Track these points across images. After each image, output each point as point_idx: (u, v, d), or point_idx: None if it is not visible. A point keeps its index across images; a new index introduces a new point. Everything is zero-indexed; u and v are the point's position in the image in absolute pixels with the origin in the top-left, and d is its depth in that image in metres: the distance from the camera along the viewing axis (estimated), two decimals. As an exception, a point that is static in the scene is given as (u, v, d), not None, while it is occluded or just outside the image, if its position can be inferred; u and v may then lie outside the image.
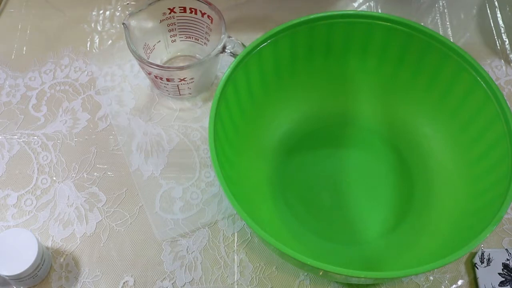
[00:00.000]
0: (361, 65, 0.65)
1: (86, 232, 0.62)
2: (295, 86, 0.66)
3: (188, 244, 0.61)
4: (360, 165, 0.65)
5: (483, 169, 0.57)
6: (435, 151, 0.64)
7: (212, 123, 0.54)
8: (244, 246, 0.61)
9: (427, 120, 0.65)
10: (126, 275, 0.60)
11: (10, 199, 0.64)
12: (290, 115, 0.66)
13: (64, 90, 0.71)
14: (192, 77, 0.66)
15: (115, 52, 0.74)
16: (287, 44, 0.61)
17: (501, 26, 0.76)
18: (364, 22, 0.60)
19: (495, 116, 0.56)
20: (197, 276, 0.60)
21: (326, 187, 0.64)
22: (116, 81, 0.71)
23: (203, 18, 0.67)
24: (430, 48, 0.59)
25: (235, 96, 0.59)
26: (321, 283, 0.60)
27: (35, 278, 0.58)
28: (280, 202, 0.62)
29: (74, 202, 0.64)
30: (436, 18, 0.77)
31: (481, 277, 0.59)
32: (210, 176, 0.65)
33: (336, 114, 0.67)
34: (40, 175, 0.65)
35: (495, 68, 0.74)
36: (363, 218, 0.62)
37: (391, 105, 0.66)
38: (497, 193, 0.53)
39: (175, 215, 0.63)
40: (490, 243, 0.62)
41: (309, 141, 0.66)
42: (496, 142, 0.56)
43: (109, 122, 0.69)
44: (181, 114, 0.69)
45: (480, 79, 0.57)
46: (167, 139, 0.67)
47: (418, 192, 0.63)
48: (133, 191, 0.64)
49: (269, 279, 0.60)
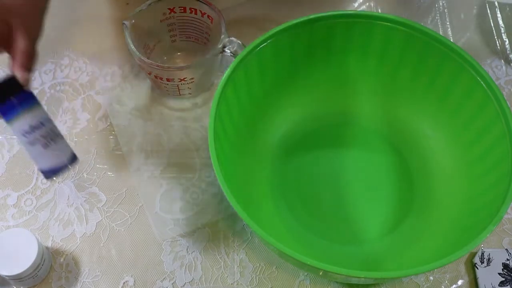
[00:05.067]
0: (361, 65, 0.65)
1: (86, 232, 0.62)
2: (295, 86, 0.66)
3: (188, 244, 0.61)
4: (360, 165, 0.65)
5: (483, 169, 0.57)
6: (435, 151, 0.64)
7: (212, 123, 0.54)
8: (244, 246, 0.61)
9: (427, 120, 0.65)
10: (126, 275, 0.60)
11: (10, 199, 0.64)
12: (290, 115, 0.66)
13: (64, 90, 0.71)
14: (192, 77, 0.66)
15: (115, 52, 0.74)
16: (287, 44, 0.61)
17: (501, 26, 0.76)
18: (364, 22, 0.60)
19: (495, 116, 0.56)
20: (197, 276, 0.60)
21: (326, 187, 0.64)
22: (116, 81, 0.71)
23: (203, 18, 0.67)
24: (430, 48, 0.59)
25: (235, 96, 0.59)
26: (321, 283, 0.60)
27: (35, 278, 0.58)
28: (280, 202, 0.62)
29: (74, 202, 0.64)
30: (436, 18, 0.77)
31: (481, 277, 0.59)
32: (210, 176, 0.65)
33: (336, 114, 0.67)
34: (40, 175, 0.65)
35: (495, 68, 0.74)
36: (363, 218, 0.62)
37: (391, 105, 0.66)
38: (497, 193, 0.53)
39: (175, 215, 0.63)
40: (490, 243, 0.62)
41: (309, 141, 0.66)
42: (496, 142, 0.56)
43: (109, 122, 0.69)
44: (181, 114, 0.69)
45: (480, 79, 0.57)
46: (167, 139, 0.67)
47: (418, 192, 0.63)
48: (133, 191, 0.64)
49: (269, 279, 0.60)
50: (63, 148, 0.52)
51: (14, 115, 0.49)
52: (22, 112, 0.49)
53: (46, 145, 0.51)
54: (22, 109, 0.49)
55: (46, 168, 0.52)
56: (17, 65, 0.50)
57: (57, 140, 0.51)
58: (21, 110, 0.49)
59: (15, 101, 0.49)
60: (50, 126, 0.51)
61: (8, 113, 0.49)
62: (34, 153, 0.51)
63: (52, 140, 0.51)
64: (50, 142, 0.51)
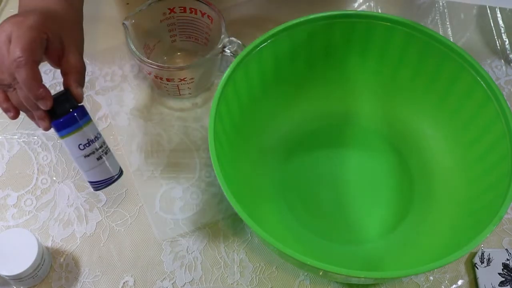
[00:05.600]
0: (361, 65, 0.65)
1: (86, 232, 0.62)
2: (295, 86, 0.66)
3: (188, 244, 0.61)
4: (360, 165, 0.65)
5: (483, 169, 0.57)
6: (435, 151, 0.64)
7: (212, 123, 0.54)
8: (244, 246, 0.61)
9: (427, 120, 0.65)
10: (126, 275, 0.60)
11: (10, 199, 0.64)
12: (290, 115, 0.66)
13: (64, 90, 0.71)
14: (192, 77, 0.66)
15: (115, 52, 0.74)
16: (287, 44, 0.61)
17: (501, 26, 0.76)
18: (364, 22, 0.60)
19: (495, 116, 0.56)
20: (197, 276, 0.60)
21: (326, 187, 0.64)
22: (116, 81, 0.71)
23: (203, 18, 0.67)
24: (430, 48, 0.59)
25: (235, 96, 0.59)
26: (321, 283, 0.60)
27: (35, 278, 0.58)
28: (280, 202, 0.62)
29: (74, 202, 0.64)
30: (436, 18, 0.77)
31: (481, 277, 0.59)
32: (210, 176, 0.65)
33: (336, 114, 0.67)
34: (40, 175, 0.65)
35: (495, 68, 0.74)
36: (363, 218, 0.62)
37: (391, 105, 0.66)
38: (497, 193, 0.53)
39: (175, 215, 0.63)
40: (490, 243, 0.62)
41: (309, 141, 0.66)
42: (496, 142, 0.56)
43: (109, 122, 0.69)
44: (181, 114, 0.69)
45: (480, 79, 0.57)
46: (167, 139, 0.67)
47: (418, 192, 0.63)
48: (133, 191, 0.64)
49: (269, 279, 0.60)
50: (112, 162, 0.54)
51: (72, 129, 0.51)
52: (80, 127, 0.51)
53: (99, 158, 0.52)
54: (79, 124, 0.51)
55: (96, 180, 0.54)
56: (72, 81, 0.52)
57: (108, 153, 0.53)
58: (79, 125, 0.51)
59: (72, 116, 0.51)
60: (103, 140, 0.53)
61: (66, 127, 0.51)
62: (87, 166, 0.53)
63: (105, 154, 0.53)
64: (103, 156, 0.53)
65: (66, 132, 0.51)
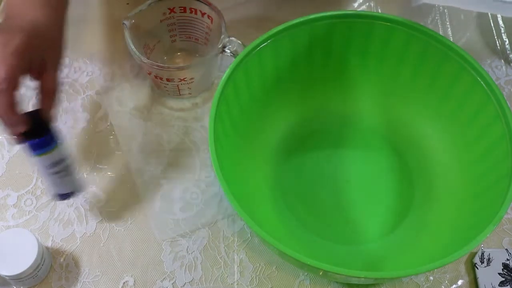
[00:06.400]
0: (361, 65, 0.65)
1: (86, 232, 0.62)
2: (295, 86, 0.66)
3: (188, 244, 0.61)
4: (360, 165, 0.65)
5: (483, 169, 0.57)
6: (435, 151, 0.64)
7: (212, 123, 0.54)
8: (244, 246, 0.61)
9: (427, 120, 0.65)
10: (126, 275, 0.60)
11: (10, 199, 0.64)
12: (290, 115, 0.66)
13: (64, 90, 0.71)
14: (192, 77, 0.66)
15: (115, 52, 0.74)
16: (287, 44, 0.61)
17: (501, 26, 0.76)
18: (364, 22, 0.60)
19: (495, 116, 0.56)
20: (197, 276, 0.60)
21: (326, 187, 0.64)
22: (116, 81, 0.71)
23: (203, 18, 0.67)
24: (430, 48, 0.59)
25: (235, 96, 0.59)
26: (321, 283, 0.60)
27: (35, 278, 0.58)
28: (280, 202, 0.62)
29: (74, 202, 0.64)
30: (436, 18, 0.77)
31: (481, 277, 0.59)
32: (210, 176, 0.65)
33: (336, 114, 0.67)
34: (40, 177, 0.65)
35: (495, 68, 0.74)
36: (363, 218, 0.62)
37: (391, 105, 0.66)
38: (497, 193, 0.53)
39: (175, 215, 0.63)
40: (490, 243, 0.62)
41: (309, 141, 0.66)
42: (496, 142, 0.56)
43: (109, 122, 0.69)
44: (181, 114, 0.69)
45: (480, 79, 0.57)
46: (167, 139, 0.67)
47: (418, 192, 0.63)
48: (133, 191, 0.64)
49: (269, 279, 0.60)
50: (75, 180, 0.58)
51: (44, 151, 0.53)
52: (51, 149, 0.53)
53: (63, 176, 0.56)
54: (50, 147, 0.53)
55: (58, 193, 0.58)
56: (48, 106, 0.54)
57: (72, 173, 0.57)
58: (50, 148, 0.53)
59: (46, 139, 0.53)
60: (69, 162, 0.56)
61: (38, 149, 0.53)
62: (51, 182, 0.56)
63: (68, 174, 0.56)
64: (66, 175, 0.56)
65: (37, 153, 0.53)
